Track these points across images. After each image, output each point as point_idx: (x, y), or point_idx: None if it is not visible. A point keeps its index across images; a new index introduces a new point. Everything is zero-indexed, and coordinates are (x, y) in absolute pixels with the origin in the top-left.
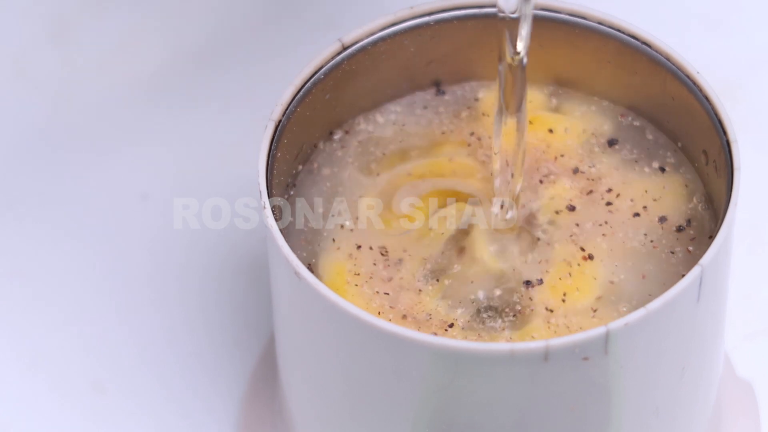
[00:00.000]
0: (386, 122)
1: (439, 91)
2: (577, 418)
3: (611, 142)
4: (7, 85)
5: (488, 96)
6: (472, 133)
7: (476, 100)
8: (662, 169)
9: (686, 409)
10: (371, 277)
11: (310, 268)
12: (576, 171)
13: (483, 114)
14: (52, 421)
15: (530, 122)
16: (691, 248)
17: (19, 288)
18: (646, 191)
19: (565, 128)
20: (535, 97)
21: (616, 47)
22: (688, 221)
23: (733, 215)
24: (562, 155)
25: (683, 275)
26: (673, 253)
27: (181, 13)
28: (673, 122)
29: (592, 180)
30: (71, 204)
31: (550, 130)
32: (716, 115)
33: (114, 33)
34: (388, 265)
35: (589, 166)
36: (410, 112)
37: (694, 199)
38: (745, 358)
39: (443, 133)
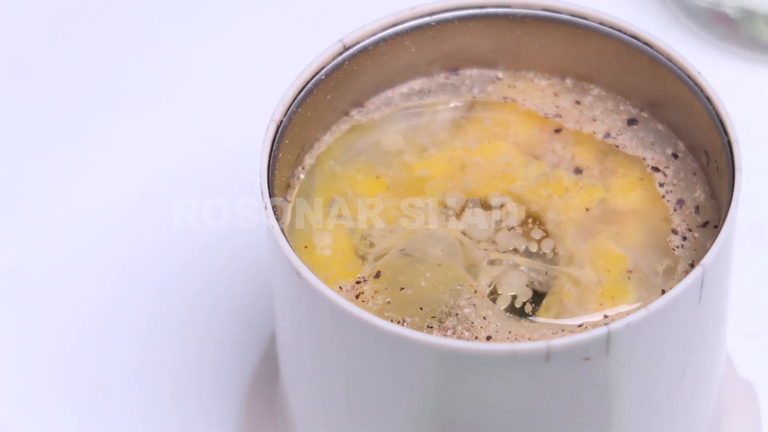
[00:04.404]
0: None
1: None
2: (579, 419)
3: (631, 122)
4: (7, 85)
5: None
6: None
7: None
8: (675, 156)
9: (687, 409)
10: (372, 277)
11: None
12: (607, 136)
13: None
14: (52, 421)
15: (555, 95)
16: (697, 234)
17: (19, 288)
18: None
19: (590, 102)
20: (554, 83)
21: (618, 47)
22: (696, 208)
23: (735, 215)
24: (594, 119)
25: (690, 264)
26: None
27: (181, 14)
28: (674, 122)
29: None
30: (71, 204)
31: (577, 102)
32: (717, 115)
33: (113, 33)
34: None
35: (616, 135)
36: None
37: (698, 188)
38: (746, 358)
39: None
